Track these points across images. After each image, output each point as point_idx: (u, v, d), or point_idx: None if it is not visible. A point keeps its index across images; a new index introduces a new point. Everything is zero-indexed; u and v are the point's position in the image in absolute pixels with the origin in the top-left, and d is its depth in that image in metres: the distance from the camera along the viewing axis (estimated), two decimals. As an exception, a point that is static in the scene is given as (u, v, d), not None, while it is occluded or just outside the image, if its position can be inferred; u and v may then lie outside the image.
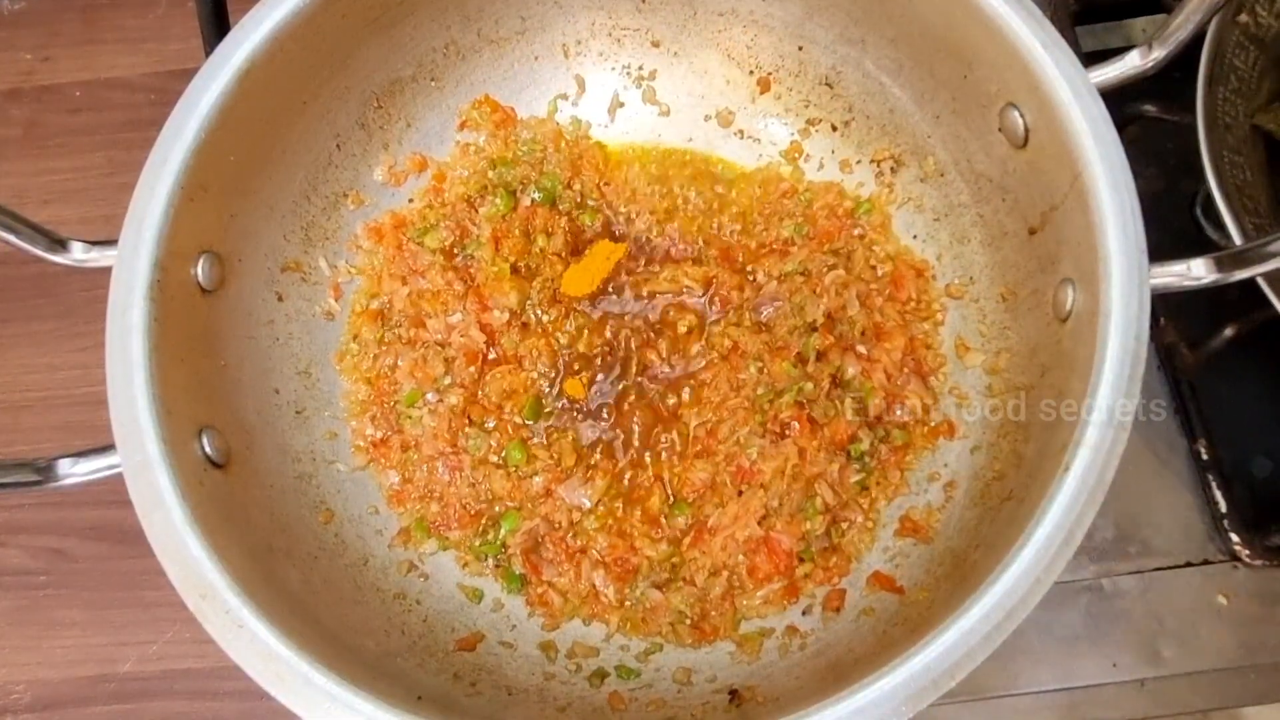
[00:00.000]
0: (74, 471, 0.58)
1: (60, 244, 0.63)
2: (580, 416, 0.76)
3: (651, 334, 0.78)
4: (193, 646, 0.78)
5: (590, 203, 0.82)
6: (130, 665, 0.79)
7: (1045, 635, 0.74)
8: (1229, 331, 0.80)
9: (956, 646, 0.51)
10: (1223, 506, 0.75)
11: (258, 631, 0.54)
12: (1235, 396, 0.79)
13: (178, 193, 0.63)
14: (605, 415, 0.75)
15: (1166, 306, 0.79)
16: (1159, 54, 0.63)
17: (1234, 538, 0.75)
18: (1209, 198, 0.71)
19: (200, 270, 0.65)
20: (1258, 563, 0.74)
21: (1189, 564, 0.75)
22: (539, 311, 0.78)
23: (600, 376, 0.77)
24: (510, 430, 0.75)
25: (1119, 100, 0.62)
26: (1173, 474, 0.77)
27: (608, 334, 0.78)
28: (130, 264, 0.61)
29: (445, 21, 0.77)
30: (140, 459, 0.57)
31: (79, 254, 0.63)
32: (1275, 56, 0.79)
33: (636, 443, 0.75)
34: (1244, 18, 0.77)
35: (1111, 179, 0.59)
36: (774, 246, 0.79)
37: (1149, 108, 0.86)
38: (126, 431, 0.58)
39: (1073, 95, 0.61)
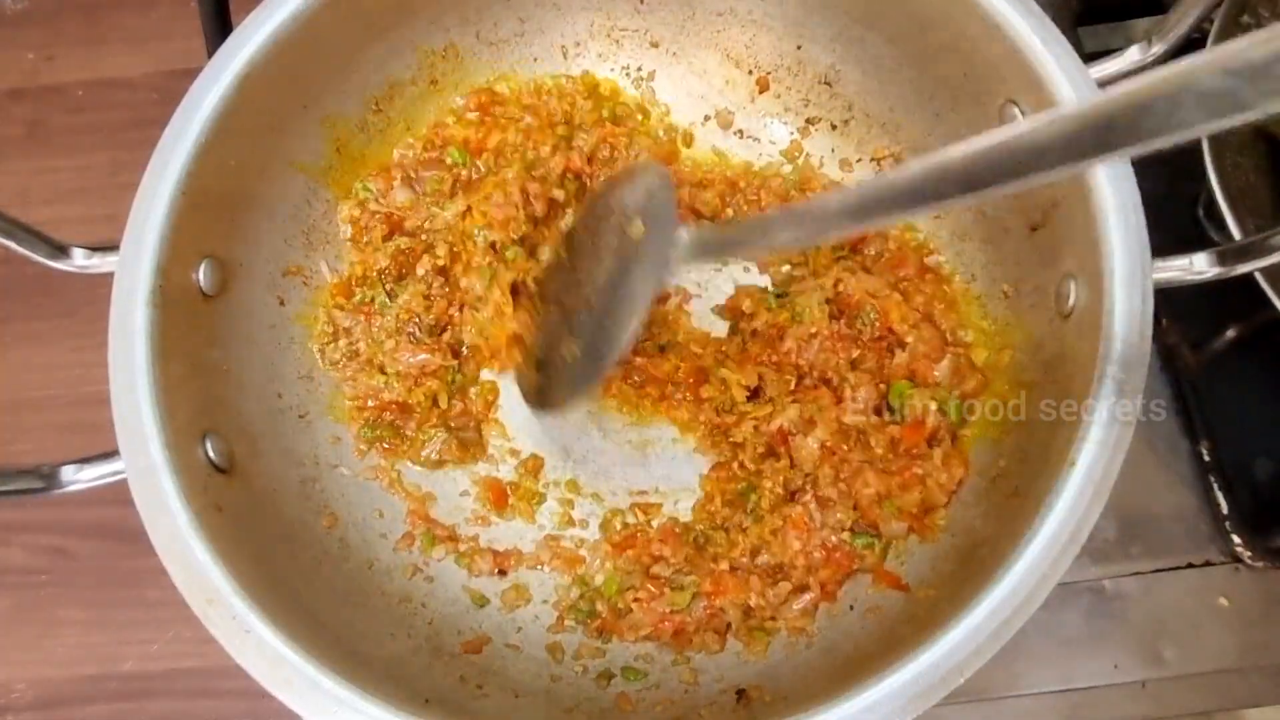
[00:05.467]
0: (78, 478, 0.58)
1: (61, 250, 0.63)
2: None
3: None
4: (194, 645, 0.78)
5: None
6: (132, 664, 0.79)
7: (1047, 637, 0.74)
8: (1231, 332, 0.81)
9: (964, 644, 0.51)
10: (1224, 508, 0.75)
11: (264, 636, 0.54)
12: (1237, 397, 0.79)
13: (179, 198, 0.62)
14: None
15: (1168, 307, 0.79)
16: (1159, 49, 0.63)
17: (1236, 539, 0.75)
18: (1211, 199, 0.71)
19: (202, 275, 0.65)
20: (1259, 564, 0.75)
21: (1190, 565, 0.75)
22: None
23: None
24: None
25: (1121, 99, 0.62)
26: (1174, 475, 0.77)
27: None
28: (132, 270, 0.61)
29: (444, 24, 0.77)
30: (144, 465, 0.57)
31: (80, 260, 0.63)
32: (1278, 58, 0.78)
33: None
34: (1246, 18, 0.76)
35: (1113, 173, 0.59)
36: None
37: (1151, 107, 0.86)
38: (130, 437, 0.57)
39: (1073, 91, 0.61)
